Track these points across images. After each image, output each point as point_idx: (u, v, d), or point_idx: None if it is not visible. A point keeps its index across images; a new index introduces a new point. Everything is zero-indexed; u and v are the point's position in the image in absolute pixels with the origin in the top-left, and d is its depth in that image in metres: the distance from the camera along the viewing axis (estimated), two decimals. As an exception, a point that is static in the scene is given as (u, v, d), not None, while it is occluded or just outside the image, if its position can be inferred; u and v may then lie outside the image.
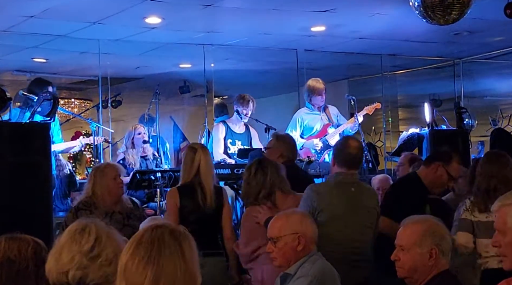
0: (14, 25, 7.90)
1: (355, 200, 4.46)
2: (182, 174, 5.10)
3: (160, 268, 2.15)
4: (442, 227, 3.22)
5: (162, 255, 2.17)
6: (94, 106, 9.95)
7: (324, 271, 3.75)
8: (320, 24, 8.38)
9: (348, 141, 4.66)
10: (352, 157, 4.54)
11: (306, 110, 8.19)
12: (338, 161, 4.53)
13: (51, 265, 2.76)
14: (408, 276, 3.17)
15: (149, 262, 2.15)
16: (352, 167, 4.54)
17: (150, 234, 2.23)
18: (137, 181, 7.03)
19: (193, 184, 4.99)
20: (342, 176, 4.49)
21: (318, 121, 8.11)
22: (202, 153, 5.05)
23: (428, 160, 5.07)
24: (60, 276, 2.73)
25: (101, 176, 5.12)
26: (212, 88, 10.32)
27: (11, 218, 5.53)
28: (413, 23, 7.48)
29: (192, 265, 2.21)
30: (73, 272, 2.72)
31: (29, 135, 5.84)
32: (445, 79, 11.59)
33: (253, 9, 7.55)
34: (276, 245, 3.73)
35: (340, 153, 4.55)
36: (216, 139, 7.96)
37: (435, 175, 4.90)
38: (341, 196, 4.43)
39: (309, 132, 8.11)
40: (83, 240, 2.76)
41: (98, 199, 5.08)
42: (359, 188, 4.56)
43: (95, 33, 8.39)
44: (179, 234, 2.24)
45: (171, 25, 8.17)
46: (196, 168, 5.00)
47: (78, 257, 2.72)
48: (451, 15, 6.22)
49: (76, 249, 2.73)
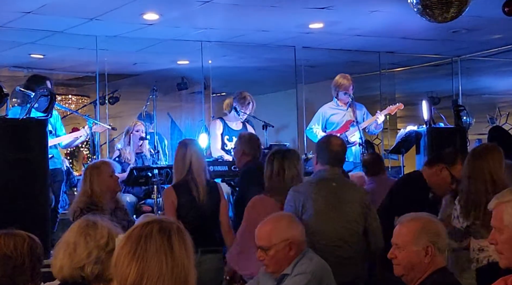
0: (11, 21, 7.88)
1: (336, 195, 4.43)
2: (175, 171, 5.09)
3: (145, 263, 2.16)
4: (438, 224, 3.21)
5: (148, 251, 2.17)
6: (92, 102, 9.94)
7: (322, 267, 3.76)
8: (318, 21, 8.37)
9: (330, 139, 4.67)
10: (334, 155, 4.52)
11: (331, 105, 8.19)
12: (320, 159, 4.52)
13: (63, 262, 2.79)
14: (405, 274, 3.17)
15: (134, 257, 2.17)
16: (334, 164, 4.51)
17: (139, 229, 2.24)
18: (134, 177, 7.02)
19: (187, 181, 4.98)
20: (323, 173, 4.48)
21: (342, 117, 8.10)
22: (192, 148, 5.04)
23: (432, 160, 5.01)
24: (74, 272, 2.77)
25: (98, 174, 5.06)
26: (210, 85, 10.31)
27: (7, 214, 5.51)
28: (411, 20, 7.47)
29: (182, 261, 2.20)
30: (91, 267, 2.76)
31: (26, 131, 5.83)
32: (443, 77, 11.59)
33: (251, 5, 7.54)
34: (268, 254, 3.70)
35: (322, 150, 4.53)
36: (213, 135, 7.94)
37: (439, 177, 4.86)
38: (321, 191, 4.41)
39: (330, 127, 8.11)
40: (98, 235, 2.81)
41: (98, 197, 5.01)
42: (340, 183, 4.52)
43: (92, 29, 8.37)
44: (169, 230, 2.23)
45: (169, 22, 8.16)
46: (188, 164, 4.98)
47: (95, 252, 2.77)
48: (449, 12, 6.22)
49: (92, 244, 2.78)
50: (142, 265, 2.16)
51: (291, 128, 10.96)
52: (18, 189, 5.68)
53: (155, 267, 2.16)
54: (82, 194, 5.05)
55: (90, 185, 5.02)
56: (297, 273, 3.67)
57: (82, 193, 5.06)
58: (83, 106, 11.55)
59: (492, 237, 2.71)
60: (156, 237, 2.20)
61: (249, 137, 5.89)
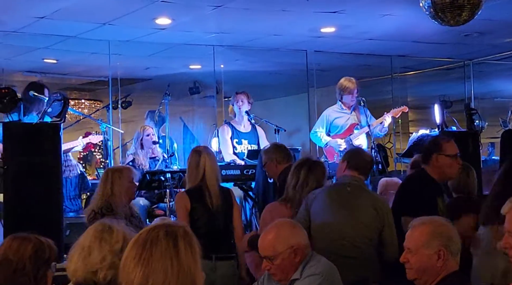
0: (25, 26, 7.94)
1: (347, 198, 4.48)
2: (189, 178, 5.08)
3: (150, 267, 2.17)
4: (450, 227, 3.19)
5: (153, 255, 2.19)
6: (104, 107, 9.98)
7: (330, 268, 3.76)
8: (330, 25, 8.38)
9: (363, 152, 4.87)
10: (365, 163, 4.64)
11: (335, 108, 8.12)
12: (351, 166, 4.57)
13: (77, 265, 2.80)
14: (417, 278, 3.16)
15: (139, 262, 2.19)
16: (362, 172, 4.62)
17: (146, 234, 2.26)
18: (147, 181, 7.05)
19: (200, 187, 4.98)
20: (344, 177, 4.54)
21: (346, 120, 8.04)
22: (206, 155, 5.04)
23: (424, 157, 4.98)
24: (88, 275, 2.78)
25: (120, 177, 5.07)
26: (222, 89, 10.33)
27: (21, 218, 5.56)
28: (423, 24, 7.46)
29: (188, 265, 2.21)
30: (104, 272, 2.77)
31: (40, 136, 5.86)
32: (455, 81, 11.56)
33: (263, 10, 7.55)
34: (274, 263, 3.67)
35: (355, 157, 4.62)
36: (223, 140, 7.96)
37: (439, 166, 4.83)
38: (332, 193, 4.48)
39: (335, 130, 8.05)
40: (113, 239, 2.82)
41: (116, 200, 5.02)
42: (355, 189, 4.56)
43: (105, 34, 8.41)
44: (176, 234, 2.24)
45: (181, 26, 8.19)
46: (202, 171, 4.99)
47: (109, 257, 2.78)
48: (461, 16, 6.20)
49: (107, 249, 2.79)
50: (147, 270, 2.17)
51: (303, 132, 10.96)
52: (31, 193, 5.72)
53: (160, 272, 2.17)
54: (101, 195, 5.04)
55: (111, 186, 5.01)
56: (308, 275, 3.67)
57: (101, 194, 5.05)
58: (96, 111, 11.60)
59: (505, 241, 2.71)
60: (162, 241, 2.21)
61: (274, 146, 5.86)
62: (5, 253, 2.96)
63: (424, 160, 4.85)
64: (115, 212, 4.96)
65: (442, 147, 4.77)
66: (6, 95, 5.96)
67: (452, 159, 4.76)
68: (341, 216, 4.41)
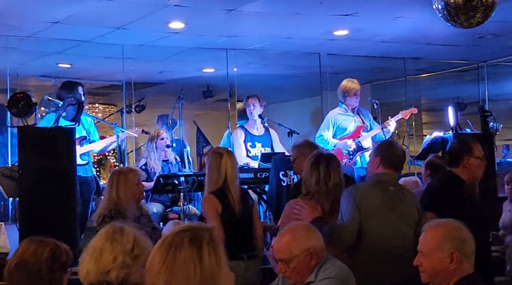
0: (40, 31, 7.99)
1: (393, 198, 4.46)
2: (210, 180, 5.04)
3: (173, 272, 2.18)
4: (464, 230, 3.16)
5: (176, 260, 2.19)
6: (118, 111, 10.01)
7: (345, 271, 3.75)
8: (343, 28, 8.37)
9: (393, 143, 4.76)
10: (400, 158, 4.60)
11: (339, 110, 8.04)
12: (385, 162, 4.55)
13: (90, 266, 2.82)
14: (430, 281, 3.15)
15: (163, 266, 2.20)
16: (397, 169, 4.61)
17: (171, 237, 2.26)
18: (161, 185, 7.07)
19: (223, 190, 4.98)
20: (382, 176, 4.52)
21: (351, 122, 7.97)
22: (228, 158, 5.04)
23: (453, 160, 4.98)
24: (100, 276, 2.79)
25: (125, 180, 5.06)
26: (235, 93, 10.34)
27: (36, 222, 5.59)
28: (437, 26, 7.43)
29: (211, 271, 2.21)
30: (117, 272, 2.78)
31: (55, 140, 5.90)
32: (469, 83, 11.51)
33: (276, 13, 7.56)
34: (289, 266, 3.66)
35: (389, 154, 4.57)
36: (236, 144, 7.96)
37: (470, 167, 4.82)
38: (378, 192, 4.45)
39: (341, 133, 7.96)
40: (124, 240, 2.83)
41: (123, 204, 5.03)
42: (397, 187, 4.58)
43: (119, 39, 8.45)
44: (201, 240, 2.24)
45: (194, 30, 8.21)
46: (224, 173, 4.98)
47: (121, 257, 2.79)
48: (475, 18, 6.17)
49: (118, 249, 2.81)
50: (170, 275, 2.18)
51: (316, 135, 10.95)
52: (46, 197, 5.75)
53: (182, 277, 2.17)
54: (107, 199, 5.06)
55: (117, 191, 5.02)
56: (322, 278, 3.67)
57: (107, 198, 5.07)
58: (110, 115, 11.64)
59: None
60: (186, 246, 2.21)
61: (305, 142, 5.84)
62: (23, 255, 2.98)
63: (454, 162, 4.84)
64: (124, 215, 4.98)
65: (472, 149, 4.80)
66: (21, 100, 5.98)
67: (480, 160, 4.81)
68: (389, 220, 4.40)
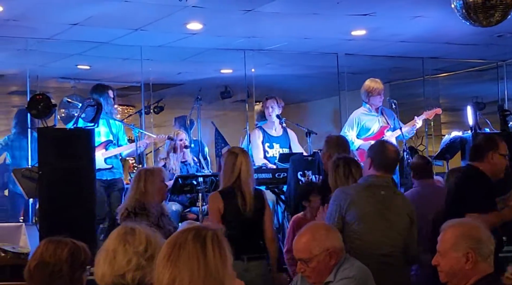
0: (59, 33, 8.04)
1: (384, 203, 4.42)
2: (223, 178, 5.10)
3: (177, 268, 2.22)
4: (481, 230, 3.14)
5: (180, 257, 2.23)
6: (137, 112, 10.06)
7: (364, 271, 3.75)
8: (361, 27, 8.35)
9: (386, 145, 4.67)
10: (390, 161, 4.54)
11: (363, 110, 8.00)
12: (375, 164, 4.51)
13: (104, 270, 2.82)
14: (448, 281, 3.14)
15: (168, 262, 2.24)
16: (388, 171, 4.55)
17: (176, 236, 2.31)
18: (179, 185, 7.09)
19: (233, 189, 5.01)
20: (374, 179, 4.48)
21: (375, 122, 7.92)
22: (243, 157, 5.06)
23: (477, 154, 4.97)
24: (116, 279, 2.80)
25: (152, 176, 5.23)
26: (253, 93, 10.35)
27: (56, 222, 5.63)
28: (455, 25, 7.39)
29: (216, 268, 2.23)
30: (132, 274, 2.79)
31: (74, 141, 5.94)
32: (489, 82, 11.43)
33: (293, 13, 7.56)
34: (309, 265, 3.68)
35: (378, 156, 4.53)
36: (254, 145, 7.97)
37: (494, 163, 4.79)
38: (369, 197, 4.41)
39: (365, 133, 7.93)
40: (136, 241, 2.84)
41: (150, 198, 5.14)
42: (390, 192, 4.53)
43: (137, 40, 8.49)
44: (204, 237, 2.27)
45: (212, 31, 8.23)
46: (237, 172, 5.00)
47: (135, 259, 2.80)
48: (494, 16, 6.13)
49: (131, 251, 2.81)
50: (175, 270, 2.21)
51: (334, 135, 10.92)
52: (66, 197, 5.79)
53: (186, 273, 2.20)
54: (134, 193, 5.18)
55: (145, 183, 5.17)
56: (341, 278, 3.67)
57: (134, 192, 5.19)
58: (128, 116, 11.69)
59: None
60: (189, 244, 2.24)
61: (336, 140, 5.83)
62: (42, 256, 3.00)
63: (477, 157, 4.83)
64: (148, 211, 5.04)
65: (498, 146, 4.79)
66: (41, 102, 6.04)
67: (504, 158, 4.80)
68: (379, 227, 4.37)
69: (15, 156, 8.19)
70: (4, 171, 8.67)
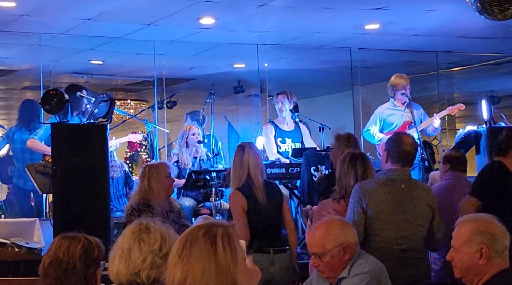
0: (72, 28, 8.06)
1: (404, 198, 4.40)
2: (234, 175, 5.09)
3: (188, 266, 2.22)
4: (496, 225, 3.10)
5: (192, 254, 2.23)
6: (150, 107, 10.08)
7: (378, 267, 3.74)
8: (374, 22, 8.32)
9: (403, 138, 4.63)
10: (406, 154, 4.50)
11: (388, 105, 7.98)
12: (392, 158, 4.49)
13: (119, 268, 2.83)
14: (463, 276, 3.11)
15: (179, 260, 2.24)
16: (406, 164, 4.51)
17: (188, 233, 2.31)
18: (193, 180, 7.10)
19: (249, 184, 5.01)
20: (392, 173, 4.46)
21: (399, 117, 7.89)
22: (249, 151, 5.06)
23: (502, 149, 4.96)
24: (131, 277, 2.80)
25: (156, 172, 5.23)
26: (266, 88, 10.34)
27: (70, 218, 5.64)
28: (470, 19, 7.36)
29: (227, 265, 2.23)
30: (147, 272, 2.80)
31: (87, 136, 5.94)
32: (504, 76, 11.37)
33: (306, 8, 7.54)
34: (323, 260, 3.66)
35: (395, 149, 4.51)
36: (267, 140, 7.96)
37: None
38: (388, 192, 4.39)
39: (388, 127, 7.90)
40: (151, 239, 2.84)
41: (154, 195, 5.14)
42: (410, 185, 4.50)
43: (150, 35, 8.49)
44: (215, 234, 2.26)
45: (225, 26, 8.22)
46: (247, 167, 5.01)
47: (150, 257, 2.81)
48: (509, 10, 6.09)
49: (146, 249, 2.82)
50: (186, 267, 2.22)
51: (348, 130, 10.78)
52: (79, 193, 5.80)
53: (198, 270, 2.20)
54: (138, 190, 5.22)
55: (148, 181, 5.18)
56: (355, 274, 3.65)
57: (138, 189, 5.23)
58: (141, 111, 11.70)
59: None
60: (200, 241, 2.25)
61: (347, 137, 5.82)
62: (56, 253, 3.01)
63: (502, 152, 4.87)
64: (152, 208, 5.04)
65: None
66: (54, 97, 6.04)
67: None
68: (398, 222, 4.36)
69: (16, 149, 8.06)
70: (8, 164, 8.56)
